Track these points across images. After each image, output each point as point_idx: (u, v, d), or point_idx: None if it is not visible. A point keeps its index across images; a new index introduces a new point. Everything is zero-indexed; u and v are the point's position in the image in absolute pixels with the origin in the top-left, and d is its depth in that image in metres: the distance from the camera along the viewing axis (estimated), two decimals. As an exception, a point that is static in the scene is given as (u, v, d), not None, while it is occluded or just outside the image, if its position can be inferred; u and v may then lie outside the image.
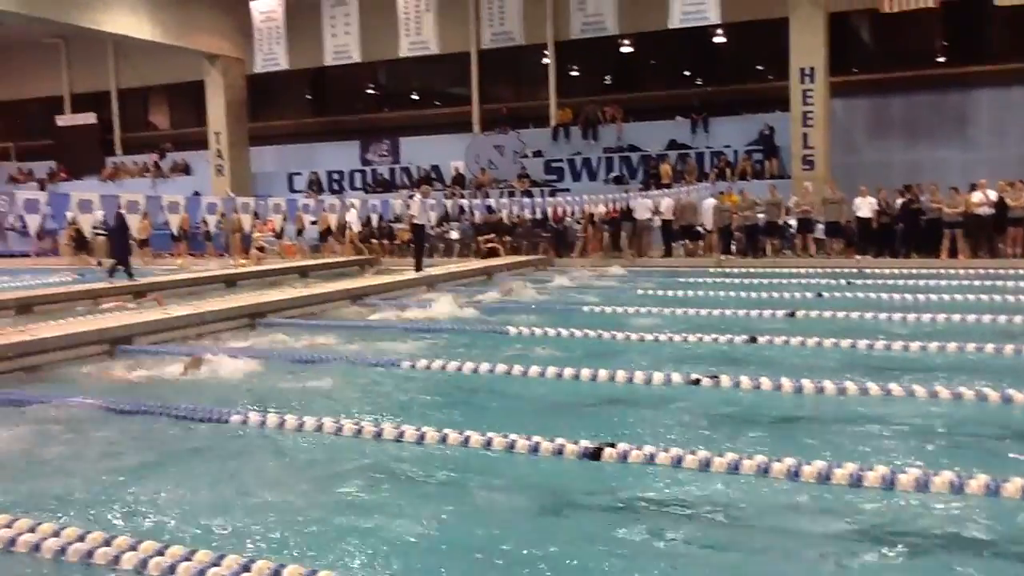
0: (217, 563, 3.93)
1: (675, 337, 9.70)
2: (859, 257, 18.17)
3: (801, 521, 4.53)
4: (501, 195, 22.01)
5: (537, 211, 20.62)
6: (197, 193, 21.74)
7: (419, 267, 17.01)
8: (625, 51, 26.77)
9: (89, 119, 33.25)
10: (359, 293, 14.06)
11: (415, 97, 30.53)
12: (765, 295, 13.44)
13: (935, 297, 12.62)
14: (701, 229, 20.83)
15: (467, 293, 14.60)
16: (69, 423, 6.74)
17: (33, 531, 4.38)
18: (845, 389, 6.98)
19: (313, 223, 22.34)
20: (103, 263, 22.24)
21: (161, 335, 10.23)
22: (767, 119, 23.54)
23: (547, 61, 26.85)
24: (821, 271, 16.79)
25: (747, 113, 24.75)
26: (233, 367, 8.56)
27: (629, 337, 9.85)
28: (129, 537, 4.24)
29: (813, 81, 21.13)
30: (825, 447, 5.60)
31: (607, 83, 28.14)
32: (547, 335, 10.19)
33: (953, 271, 16.00)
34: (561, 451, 5.53)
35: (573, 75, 27.63)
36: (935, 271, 15.98)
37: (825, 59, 21.28)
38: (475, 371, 8.09)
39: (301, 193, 27.10)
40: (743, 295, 13.55)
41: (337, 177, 28.88)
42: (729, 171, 23.30)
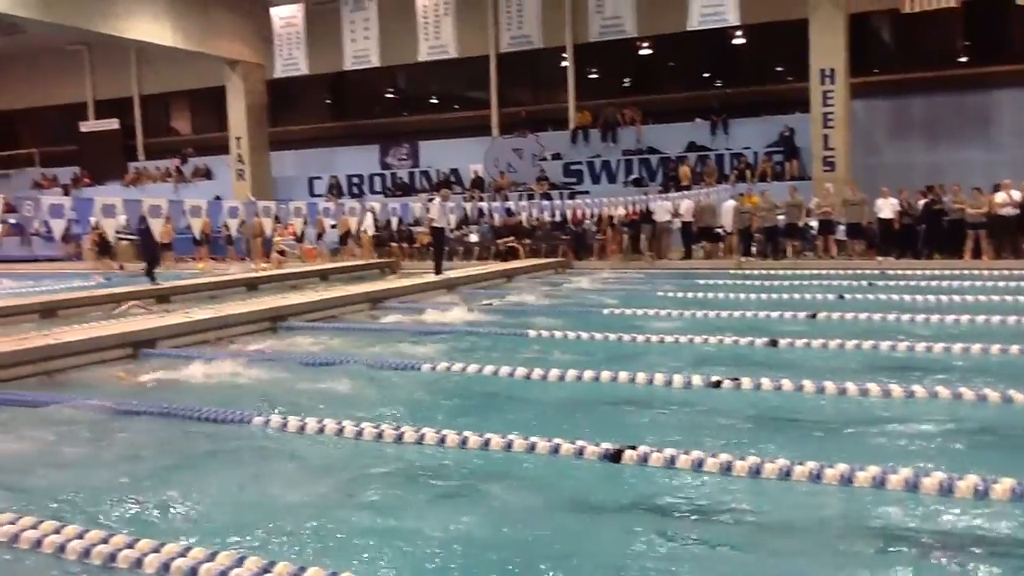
0: (239, 564, 3.95)
1: (695, 339, 9.67)
2: (881, 258, 18.03)
3: (823, 524, 4.50)
4: (520, 198, 22.01)
5: (556, 214, 20.64)
6: (218, 197, 21.85)
7: (439, 270, 17.05)
8: (644, 53, 26.76)
9: (112, 125, 33.70)
10: (379, 296, 14.12)
11: (434, 101, 30.60)
12: (786, 297, 13.37)
13: (958, 298, 12.51)
14: (721, 231, 20.77)
15: (486, 296, 14.61)
16: (91, 425, 6.81)
17: (59, 532, 4.41)
18: (867, 391, 6.92)
19: (333, 227, 22.51)
20: (124, 267, 22.51)
21: (184, 338, 10.32)
22: (787, 120, 23.40)
23: (566, 64, 26.90)
24: (842, 273, 16.69)
25: (767, 115, 24.55)
26: (254, 370, 8.65)
27: (649, 339, 9.83)
28: (152, 540, 4.26)
29: (833, 82, 21.01)
30: (847, 450, 5.55)
31: (626, 85, 28.09)
32: (567, 337, 10.18)
33: (976, 272, 15.87)
34: (582, 453, 5.52)
35: (592, 78, 27.62)
36: (958, 272, 15.85)
37: (845, 60, 21.17)
38: (495, 373, 8.09)
39: (321, 197, 27.24)
40: (764, 297, 13.48)
41: (357, 181, 29.00)
42: (749, 173, 23.19)
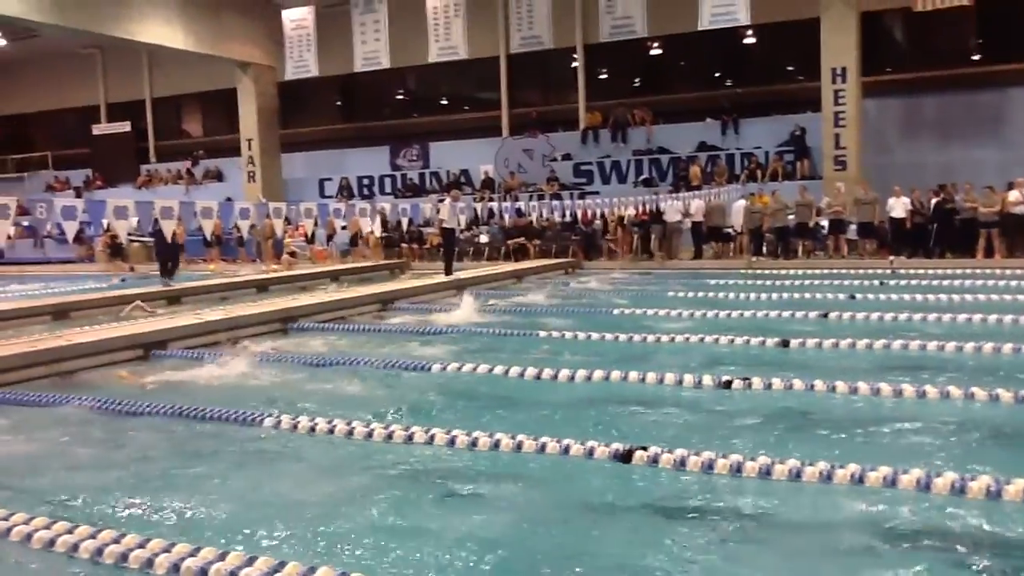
0: (249, 564, 3.96)
1: (706, 339, 9.65)
2: (892, 258, 17.95)
3: (835, 525, 4.48)
4: (530, 198, 22.00)
5: (567, 214, 20.64)
6: (229, 199, 21.82)
7: (449, 271, 17.06)
8: (654, 53, 26.70)
9: (124, 128, 33.89)
10: (389, 297, 14.14)
11: (444, 102, 30.61)
12: (797, 296, 13.34)
13: (970, 297, 12.45)
14: (731, 231, 20.70)
15: (497, 296, 14.62)
16: (102, 426, 6.85)
17: (71, 532, 4.44)
18: (879, 391, 6.90)
19: (343, 228, 22.56)
20: (135, 269, 22.62)
21: (195, 340, 10.36)
22: (798, 120, 23.29)
23: (576, 64, 26.85)
24: (854, 272, 16.63)
25: (778, 114, 24.46)
26: (265, 371, 8.69)
27: (660, 339, 9.81)
28: (163, 540, 4.28)
29: (845, 81, 20.93)
30: (859, 450, 5.53)
31: (636, 86, 28.04)
32: (577, 338, 10.18)
33: (989, 271, 15.76)
34: (592, 454, 5.52)
35: (602, 78, 27.59)
36: (970, 271, 15.75)
37: (857, 59, 21.07)
38: (505, 374, 8.09)
39: (332, 198, 27.30)
40: (774, 297, 13.44)
41: (367, 182, 29.03)
42: (760, 172, 23.11)
